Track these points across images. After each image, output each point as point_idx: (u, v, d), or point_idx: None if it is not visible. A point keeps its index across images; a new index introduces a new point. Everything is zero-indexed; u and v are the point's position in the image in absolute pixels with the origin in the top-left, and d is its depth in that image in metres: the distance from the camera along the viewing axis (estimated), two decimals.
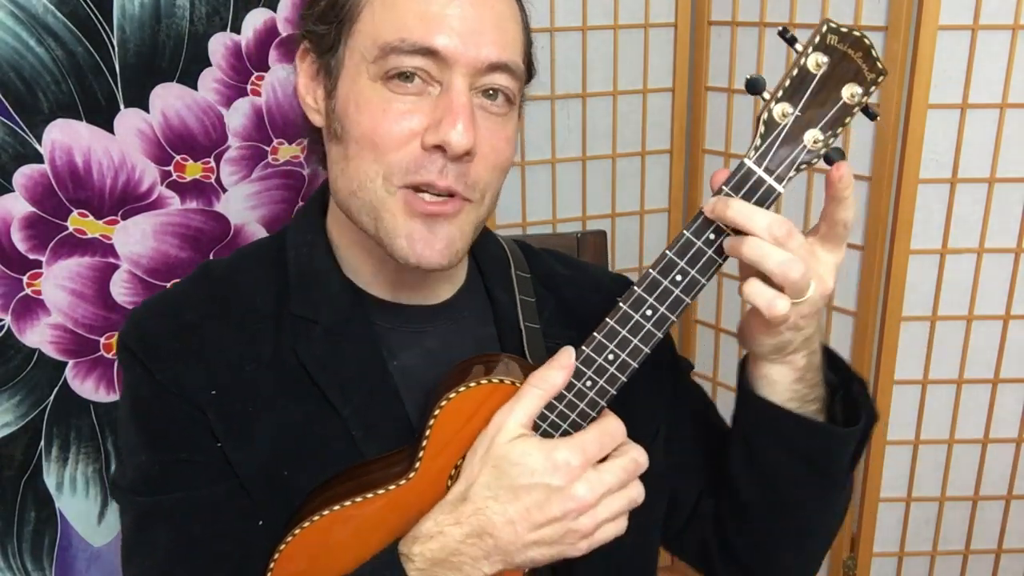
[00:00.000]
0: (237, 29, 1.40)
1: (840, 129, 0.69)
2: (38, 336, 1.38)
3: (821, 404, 0.82)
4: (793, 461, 0.82)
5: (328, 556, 0.75)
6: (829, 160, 0.71)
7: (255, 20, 1.41)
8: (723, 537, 0.92)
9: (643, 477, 0.88)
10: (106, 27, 1.30)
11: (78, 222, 1.36)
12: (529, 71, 0.83)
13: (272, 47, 1.44)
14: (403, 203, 0.76)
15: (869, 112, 0.71)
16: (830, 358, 0.84)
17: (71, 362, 1.41)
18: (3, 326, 1.35)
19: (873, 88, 0.69)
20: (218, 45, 1.38)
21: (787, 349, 0.76)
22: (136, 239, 1.40)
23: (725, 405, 1.01)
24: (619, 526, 0.74)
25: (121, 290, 1.42)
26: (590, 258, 1.28)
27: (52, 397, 1.41)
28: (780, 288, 0.70)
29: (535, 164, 1.82)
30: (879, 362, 1.71)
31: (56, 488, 1.45)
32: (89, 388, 1.43)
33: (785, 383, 0.78)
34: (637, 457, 0.73)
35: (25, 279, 1.35)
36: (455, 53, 0.73)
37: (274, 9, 1.42)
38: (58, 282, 1.37)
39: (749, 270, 0.72)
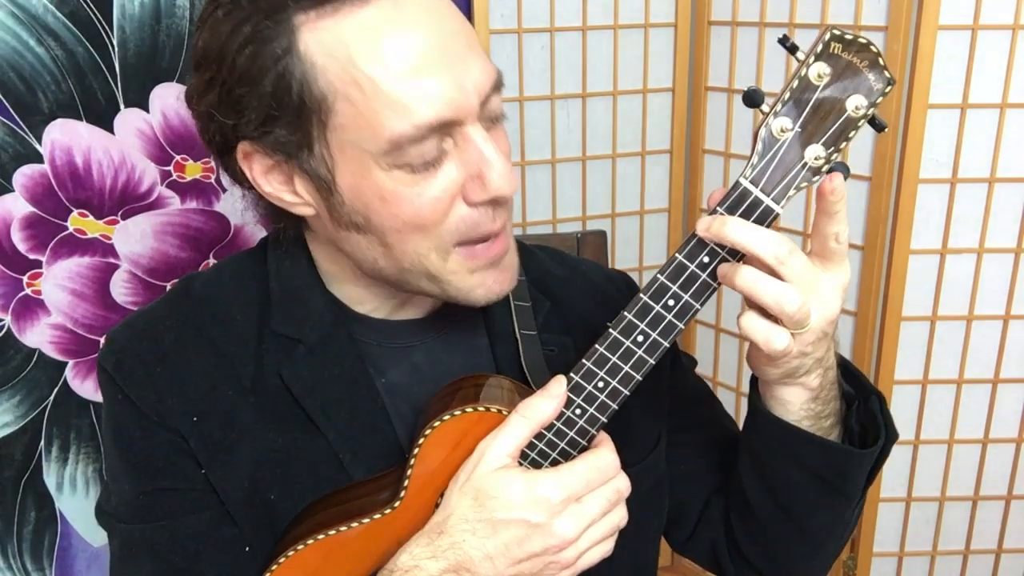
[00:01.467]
0: None
1: (844, 144, 0.65)
2: (38, 336, 1.38)
3: (836, 418, 0.79)
4: (805, 478, 0.79)
5: None
6: None
7: None
8: (733, 539, 0.90)
9: (642, 488, 0.85)
10: (106, 27, 1.30)
11: (78, 222, 1.36)
12: None
13: None
14: (464, 261, 0.73)
15: (876, 123, 0.66)
16: (846, 369, 0.81)
17: (71, 362, 1.41)
18: (3, 326, 1.35)
19: (880, 99, 0.64)
20: None
21: (797, 374, 0.72)
22: (136, 239, 1.40)
23: (726, 405, 1.01)
24: (604, 549, 0.72)
25: (121, 290, 1.42)
26: (590, 258, 1.28)
27: (52, 397, 1.41)
28: (778, 319, 0.66)
29: (535, 164, 1.82)
30: (879, 362, 1.71)
31: (56, 488, 1.45)
32: (89, 388, 1.43)
33: (798, 403, 0.75)
34: (620, 487, 0.71)
35: (25, 279, 1.35)
36: (463, 110, 0.67)
37: None
38: (58, 282, 1.37)
39: (747, 301, 0.68)
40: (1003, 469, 1.77)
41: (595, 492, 0.70)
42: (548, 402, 0.70)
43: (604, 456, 0.71)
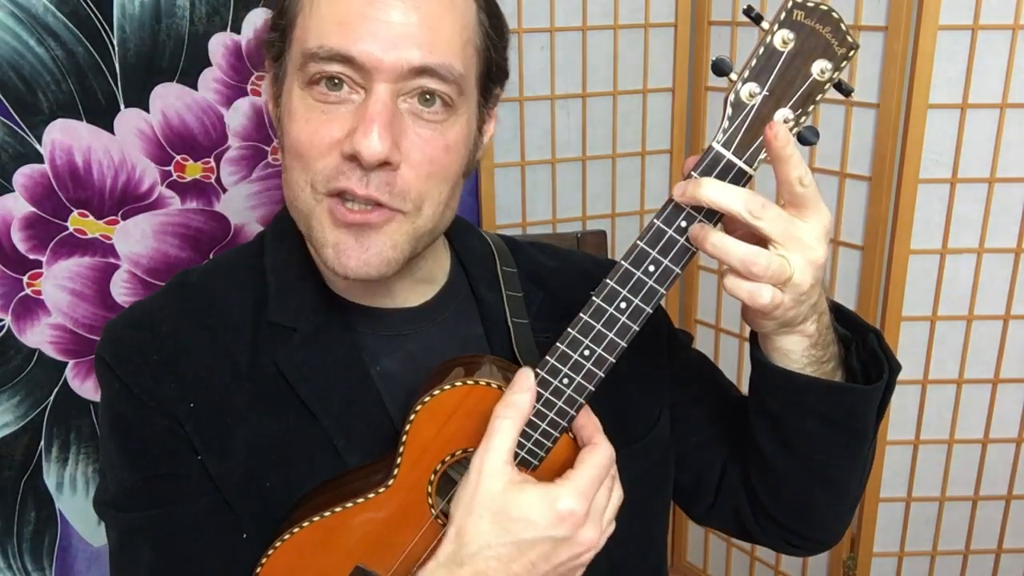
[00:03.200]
0: (237, 29, 1.40)
1: (812, 107, 0.67)
2: (38, 336, 1.38)
3: (837, 361, 0.80)
4: (818, 425, 0.80)
5: (310, 567, 0.75)
6: (803, 140, 0.68)
7: (255, 20, 1.41)
8: (755, 500, 0.90)
9: (643, 466, 0.88)
10: (106, 27, 1.30)
11: (78, 222, 1.36)
12: (498, 70, 0.80)
13: None
14: (328, 211, 0.74)
15: (843, 88, 0.68)
16: (839, 312, 0.82)
17: (71, 362, 1.41)
18: (3, 326, 1.35)
19: (844, 63, 0.66)
20: (218, 45, 1.38)
21: (795, 322, 0.73)
22: (136, 239, 1.40)
23: None
24: (610, 529, 0.74)
25: (121, 290, 1.42)
26: None
27: (52, 397, 1.41)
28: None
29: (535, 164, 1.82)
30: None
31: (56, 488, 1.45)
32: (89, 388, 1.43)
33: (799, 350, 0.76)
34: (612, 466, 0.73)
35: (25, 279, 1.35)
36: (372, 60, 0.70)
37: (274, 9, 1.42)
38: (58, 282, 1.37)
39: None
40: (1003, 469, 1.77)
41: (603, 487, 0.71)
42: (523, 396, 0.70)
43: (599, 453, 0.72)
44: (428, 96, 0.73)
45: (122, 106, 1.34)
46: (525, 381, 0.71)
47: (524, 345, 0.84)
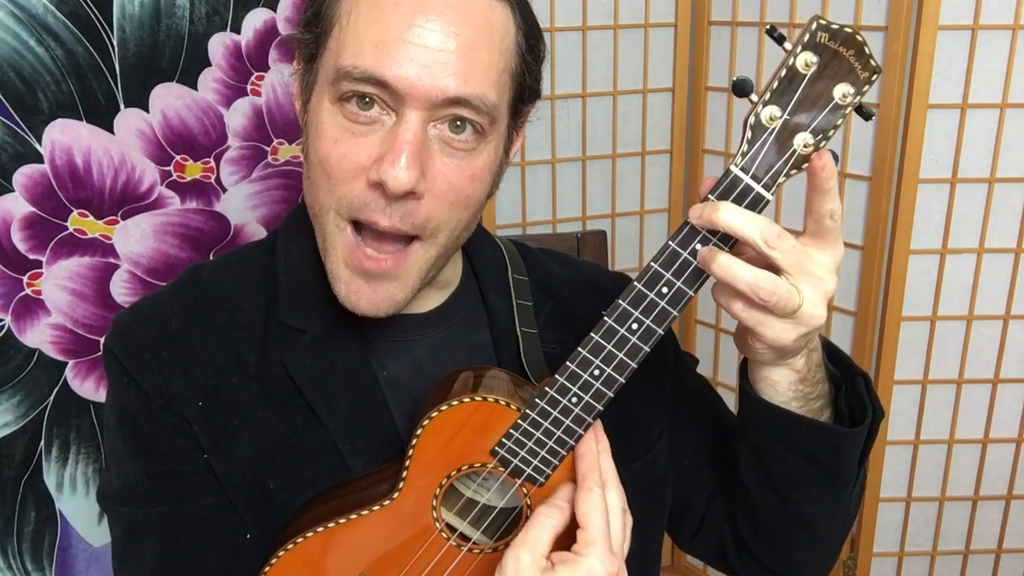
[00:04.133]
0: (237, 29, 1.40)
1: (832, 132, 0.66)
2: (38, 336, 1.38)
3: (826, 400, 0.79)
4: (800, 462, 0.80)
5: None
6: None
7: (255, 20, 1.41)
8: (738, 534, 0.90)
9: (643, 484, 0.87)
10: (106, 27, 1.30)
11: (78, 222, 1.36)
12: (530, 92, 0.79)
13: (272, 47, 1.44)
14: (346, 248, 0.74)
15: (864, 112, 0.67)
16: (831, 351, 0.82)
17: (71, 362, 1.41)
18: (3, 326, 1.35)
19: (866, 87, 0.65)
20: (218, 45, 1.38)
21: (787, 355, 0.73)
22: (136, 239, 1.40)
23: (727, 404, 1.01)
24: (626, 548, 0.73)
25: (121, 290, 1.42)
26: (590, 258, 1.28)
27: (52, 397, 1.41)
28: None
29: (535, 164, 1.82)
30: (879, 362, 1.71)
31: (56, 488, 1.45)
32: (89, 388, 1.43)
33: (787, 383, 0.76)
34: (604, 505, 0.71)
35: (25, 279, 1.35)
36: (407, 86, 0.68)
37: (274, 9, 1.42)
38: (58, 282, 1.37)
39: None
40: (1003, 469, 1.77)
41: (615, 524, 0.70)
42: (563, 504, 0.70)
43: (595, 497, 0.70)
44: (459, 123, 0.72)
45: (122, 106, 1.34)
46: (566, 492, 0.71)
47: (532, 355, 0.84)
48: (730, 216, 0.64)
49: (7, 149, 1.29)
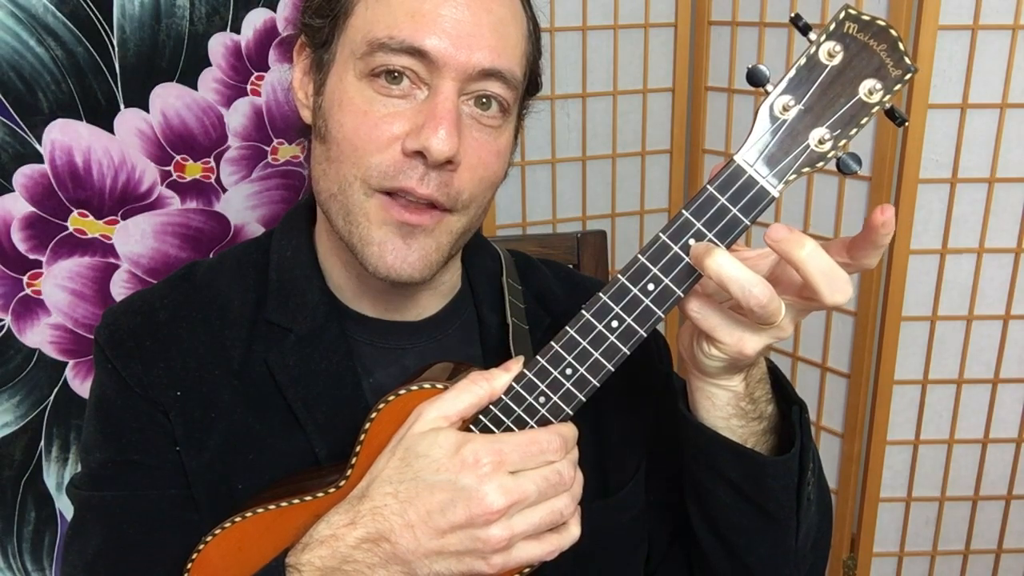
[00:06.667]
0: (237, 29, 1.40)
1: (854, 130, 0.60)
2: (38, 336, 1.38)
3: (770, 423, 0.74)
4: (730, 494, 0.74)
5: (248, 559, 0.71)
6: (844, 167, 0.60)
7: (255, 20, 1.41)
8: None
9: (622, 520, 0.83)
10: (106, 27, 1.30)
11: (78, 222, 1.36)
12: (533, 83, 0.79)
13: (272, 47, 1.44)
14: (379, 208, 0.72)
15: (896, 116, 0.60)
16: (775, 375, 0.76)
17: (71, 362, 1.41)
18: (3, 326, 1.35)
19: (898, 87, 0.59)
20: (218, 45, 1.38)
21: (739, 367, 0.68)
22: (136, 239, 1.40)
23: None
24: (543, 547, 0.65)
25: (121, 290, 1.42)
26: (590, 258, 1.28)
27: (52, 397, 1.41)
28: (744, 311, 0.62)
29: (535, 164, 1.82)
30: (879, 362, 1.71)
31: (56, 488, 1.45)
32: (89, 388, 1.43)
33: (726, 398, 0.70)
34: (562, 470, 0.65)
35: (25, 279, 1.35)
36: (445, 56, 0.69)
37: (274, 9, 1.42)
38: (58, 282, 1.37)
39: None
40: (1003, 469, 1.77)
41: (533, 470, 0.64)
42: (501, 374, 0.66)
43: (546, 433, 0.65)
44: (485, 100, 0.72)
45: (122, 106, 1.34)
46: (514, 366, 0.67)
47: (522, 350, 0.81)
48: (719, 267, 0.59)
49: (7, 149, 1.29)
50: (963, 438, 1.75)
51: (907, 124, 0.64)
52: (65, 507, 1.46)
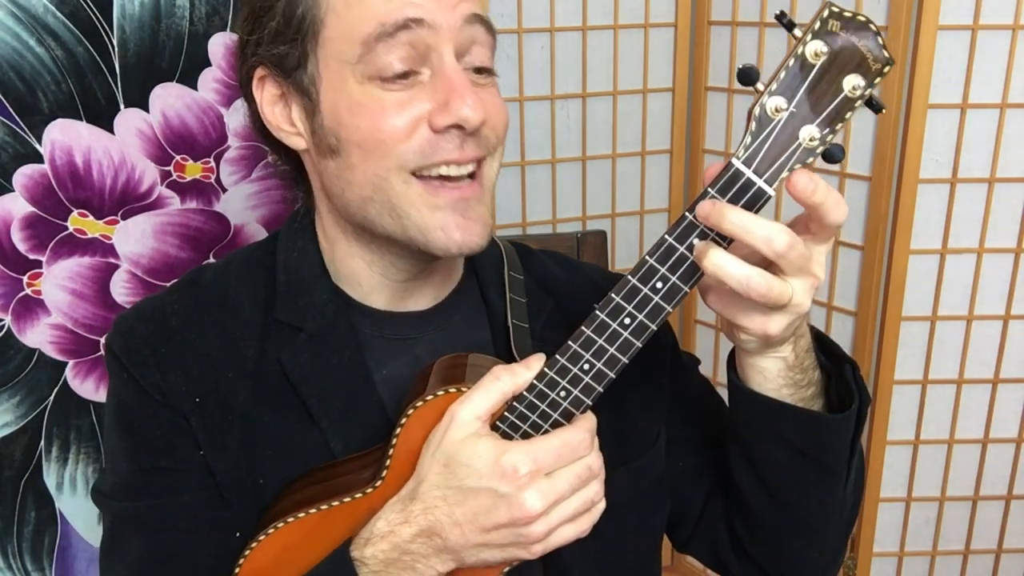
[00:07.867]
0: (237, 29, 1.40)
1: (840, 125, 0.63)
2: (38, 336, 1.38)
3: (818, 388, 0.78)
4: (787, 455, 0.79)
5: (294, 561, 0.74)
6: (830, 157, 0.64)
7: None
8: (734, 535, 0.90)
9: (642, 483, 0.87)
10: (106, 27, 1.30)
11: (78, 222, 1.36)
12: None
13: None
14: (426, 195, 0.74)
15: (874, 104, 0.64)
16: (820, 340, 0.81)
17: (71, 362, 1.41)
18: (3, 326, 1.35)
19: (878, 79, 0.62)
20: (218, 45, 1.38)
21: (774, 344, 0.72)
22: (136, 239, 1.40)
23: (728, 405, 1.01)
24: (579, 527, 0.71)
25: (121, 290, 1.42)
26: (590, 258, 1.28)
27: (52, 397, 1.41)
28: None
29: (535, 164, 1.82)
30: (879, 362, 1.71)
31: (56, 488, 1.45)
32: (89, 388, 1.43)
33: (776, 370, 0.75)
34: (591, 464, 0.70)
35: (25, 279, 1.35)
36: (435, 15, 0.72)
37: None
38: (58, 282, 1.37)
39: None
40: (1003, 469, 1.77)
41: (566, 468, 0.69)
42: (523, 369, 0.70)
43: (576, 432, 0.70)
44: (478, 70, 0.76)
45: (122, 106, 1.34)
46: (535, 362, 0.71)
47: (522, 349, 0.84)
48: (736, 223, 0.62)
49: (7, 149, 1.29)
50: (963, 438, 1.75)
51: (884, 110, 0.66)
52: (65, 507, 1.46)
